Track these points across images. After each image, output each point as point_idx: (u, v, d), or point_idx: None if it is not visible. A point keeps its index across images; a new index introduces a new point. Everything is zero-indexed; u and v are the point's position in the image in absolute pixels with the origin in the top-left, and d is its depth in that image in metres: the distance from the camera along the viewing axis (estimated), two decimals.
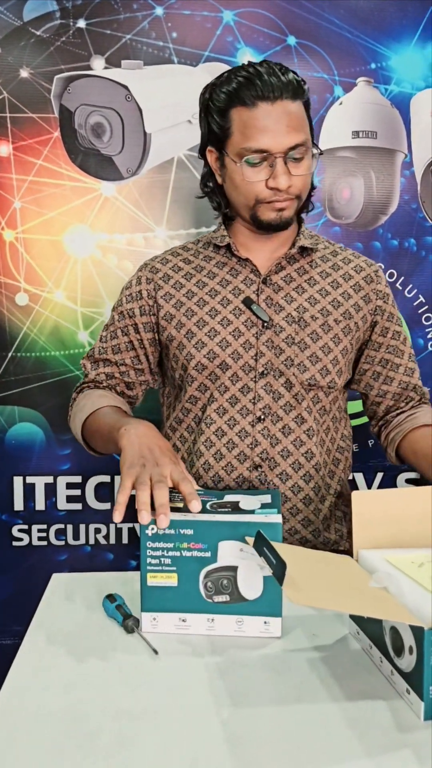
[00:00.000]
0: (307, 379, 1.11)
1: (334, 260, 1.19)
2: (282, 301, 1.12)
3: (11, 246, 1.68)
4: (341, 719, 0.68)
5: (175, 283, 1.16)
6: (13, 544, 1.75)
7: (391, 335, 1.20)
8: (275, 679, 0.75)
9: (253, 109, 1.03)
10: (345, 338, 1.14)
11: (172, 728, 0.67)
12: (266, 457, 1.10)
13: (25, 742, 0.65)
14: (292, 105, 1.04)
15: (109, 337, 1.21)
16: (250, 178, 1.05)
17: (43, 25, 1.64)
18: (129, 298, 1.19)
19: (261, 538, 0.77)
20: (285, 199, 1.06)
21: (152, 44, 1.66)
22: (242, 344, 1.10)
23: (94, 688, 0.74)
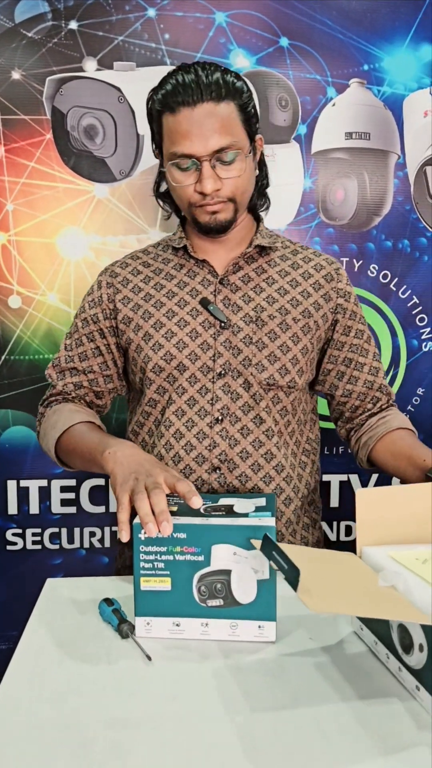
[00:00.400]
0: (266, 379, 1.09)
1: (293, 259, 1.17)
2: (240, 301, 1.11)
3: (4, 249, 1.67)
4: (345, 720, 0.68)
5: (133, 286, 1.15)
6: (7, 549, 1.74)
7: (354, 334, 1.19)
8: (272, 684, 0.75)
9: (176, 115, 1.02)
10: (305, 337, 1.12)
11: (167, 736, 0.66)
12: (225, 459, 1.08)
13: (19, 751, 0.65)
14: (216, 107, 1.02)
15: (74, 344, 1.18)
16: (178, 182, 1.05)
17: (35, 27, 1.63)
18: (91, 304, 1.18)
19: (268, 542, 0.76)
20: (216, 202, 1.05)
21: (145, 46, 1.66)
22: (200, 345, 1.09)
23: (89, 695, 0.73)
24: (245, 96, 1.07)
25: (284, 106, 1.70)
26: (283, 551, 0.72)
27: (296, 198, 1.73)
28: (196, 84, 1.01)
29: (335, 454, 1.82)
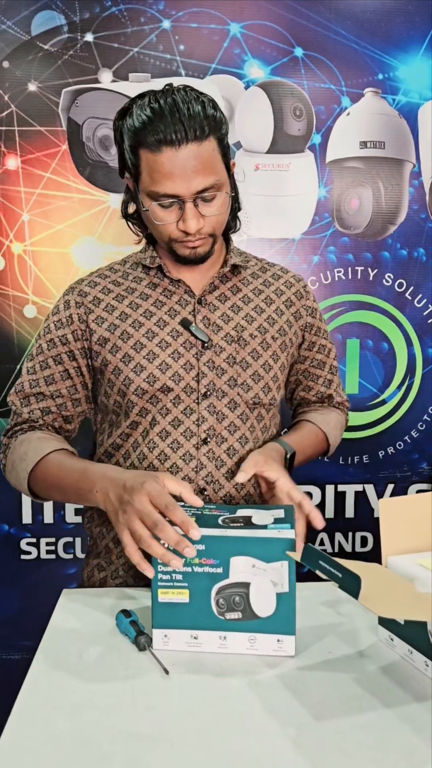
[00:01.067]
0: (252, 398, 1.09)
1: (264, 276, 1.17)
2: (219, 321, 1.09)
3: (19, 258, 1.68)
4: (368, 736, 0.67)
5: (106, 305, 1.10)
6: (21, 558, 1.74)
7: (316, 349, 1.22)
8: (292, 699, 0.74)
9: (158, 155, 0.96)
10: (282, 354, 1.13)
11: (185, 752, 0.65)
12: (211, 480, 1.06)
13: (35, 764, 0.64)
14: (199, 148, 0.96)
15: (39, 367, 1.10)
16: (160, 219, 1.01)
17: (51, 39, 1.65)
18: (59, 324, 1.10)
19: (312, 551, 0.75)
20: (197, 239, 1.03)
21: (160, 57, 1.67)
22: (182, 366, 1.06)
23: (106, 709, 0.72)
24: (224, 128, 1.02)
25: (299, 116, 1.70)
26: (333, 560, 0.71)
27: (311, 207, 1.73)
28: (179, 124, 0.95)
29: (350, 464, 1.81)
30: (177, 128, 0.95)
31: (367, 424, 1.80)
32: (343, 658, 0.82)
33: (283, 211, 1.73)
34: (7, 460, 1.09)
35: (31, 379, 1.11)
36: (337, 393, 1.27)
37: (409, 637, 0.79)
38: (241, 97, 1.69)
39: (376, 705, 0.73)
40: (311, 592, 0.99)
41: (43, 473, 1.02)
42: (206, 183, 0.98)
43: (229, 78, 1.69)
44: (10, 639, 1.73)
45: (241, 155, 1.71)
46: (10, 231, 1.68)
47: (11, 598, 1.74)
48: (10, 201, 1.67)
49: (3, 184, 1.67)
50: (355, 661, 0.81)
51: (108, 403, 1.11)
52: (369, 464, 1.81)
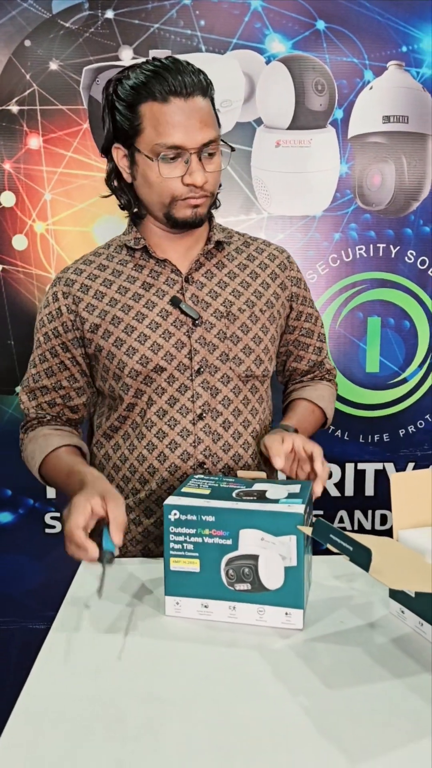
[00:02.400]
0: (244, 371, 1.11)
1: (247, 251, 1.17)
2: (207, 298, 1.11)
3: (42, 237, 1.70)
4: (377, 703, 0.68)
5: (95, 292, 1.11)
6: (45, 532, 1.78)
7: (304, 318, 1.22)
8: (303, 666, 0.76)
9: (165, 105, 1.00)
10: (271, 327, 1.15)
11: (198, 715, 0.68)
12: (209, 454, 1.09)
13: (54, 724, 0.67)
14: (203, 101, 1.02)
15: (38, 360, 1.14)
16: (165, 174, 1.02)
17: (72, 17, 1.65)
18: (50, 318, 1.12)
19: (323, 525, 0.76)
20: (200, 196, 1.04)
21: (180, 33, 1.66)
22: (174, 344, 1.08)
23: (122, 672, 0.75)
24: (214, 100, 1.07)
25: (320, 91, 1.68)
26: (344, 534, 0.72)
27: (332, 184, 1.72)
28: (189, 77, 1.00)
29: (370, 443, 1.81)
30: (186, 80, 0.99)
31: (387, 402, 1.79)
32: (354, 629, 0.83)
33: (304, 188, 1.72)
34: (23, 456, 1.17)
35: (34, 374, 1.15)
36: (327, 360, 1.29)
37: (420, 609, 0.81)
38: (262, 73, 1.68)
39: (386, 675, 0.74)
40: (324, 565, 1.00)
41: (47, 472, 1.11)
42: (210, 135, 1.02)
43: (250, 53, 1.67)
44: (35, 610, 1.78)
45: (261, 131, 1.70)
46: (33, 210, 1.70)
47: (36, 570, 1.79)
48: (32, 180, 1.69)
49: (26, 164, 1.68)
50: (366, 632, 0.83)
51: (104, 387, 1.13)
52: (389, 443, 1.81)
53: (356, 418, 1.79)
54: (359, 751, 0.62)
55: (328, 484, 1.81)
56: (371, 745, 0.63)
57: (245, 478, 0.98)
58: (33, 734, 0.65)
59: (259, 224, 1.72)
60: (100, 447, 1.16)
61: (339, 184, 1.72)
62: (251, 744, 0.63)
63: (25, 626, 1.78)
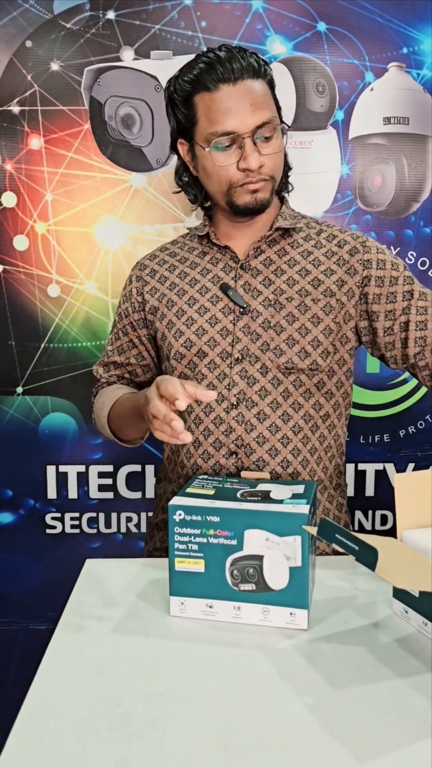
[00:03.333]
0: (284, 363, 1.08)
1: (317, 239, 1.15)
2: (260, 286, 1.10)
3: (43, 238, 1.70)
4: (382, 703, 0.68)
5: (160, 277, 1.18)
6: (46, 532, 1.78)
7: (401, 298, 1.08)
8: (307, 666, 0.76)
9: (215, 93, 1.02)
10: (326, 317, 1.08)
11: (203, 713, 0.68)
12: (242, 444, 1.08)
13: (59, 723, 0.67)
14: (254, 83, 1.03)
15: (113, 339, 1.26)
16: (220, 162, 1.03)
17: (73, 18, 1.65)
18: (124, 299, 1.23)
19: (329, 525, 0.77)
20: (258, 180, 1.05)
21: (181, 34, 1.66)
22: (219, 331, 1.10)
23: (126, 671, 0.75)
24: (272, 79, 1.09)
25: (321, 92, 1.69)
26: (350, 533, 0.73)
27: (333, 185, 1.72)
28: (236, 62, 1.02)
29: (371, 443, 1.81)
30: (233, 66, 1.01)
31: (388, 402, 1.80)
32: (358, 629, 0.84)
33: (305, 189, 1.72)
34: (94, 413, 1.23)
35: (109, 350, 1.26)
36: None
37: (424, 609, 0.81)
38: None
39: (390, 674, 0.74)
40: (327, 566, 1.00)
41: (116, 412, 1.14)
42: (263, 117, 1.02)
43: None
44: (37, 610, 1.78)
45: None
46: (34, 211, 1.70)
47: (37, 570, 1.79)
48: (33, 181, 1.69)
49: (26, 164, 1.68)
50: (370, 632, 0.83)
51: (164, 369, 1.20)
52: (390, 443, 1.81)
53: (356, 418, 1.79)
54: (364, 749, 0.62)
55: None
56: (376, 744, 0.63)
57: (249, 478, 0.98)
58: (41, 734, 0.65)
59: None
60: None
61: (340, 185, 1.72)
62: (256, 742, 0.64)
63: (26, 627, 1.78)
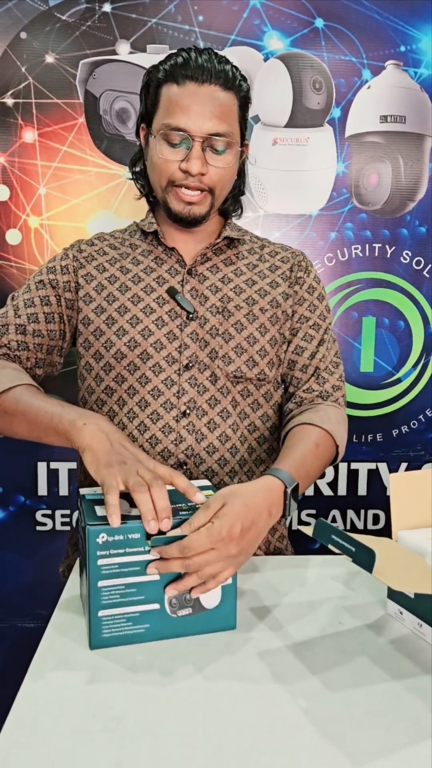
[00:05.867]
0: (233, 371, 1.05)
1: (260, 253, 1.14)
2: (207, 292, 1.07)
3: (36, 232, 1.68)
4: (376, 704, 0.68)
5: (98, 265, 1.10)
6: (37, 529, 1.77)
7: (297, 319, 1.12)
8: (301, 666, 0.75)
9: (181, 87, 1.00)
10: (272, 327, 1.08)
11: (196, 716, 0.67)
12: (191, 454, 1.03)
13: (50, 725, 0.66)
14: (221, 93, 1.00)
15: (23, 304, 1.07)
16: (165, 155, 1.01)
17: (69, 10, 1.63)
18: (52, 270, 1.10)
19: (324, 526, 0.75)
20: (196, 189, 1.02)
21: (178, 28, 1.64)
22: (165, 334, 1.05)
23: (120, 672, 0.74)
24: (247, 97, 1.06)
25: (318, 89, 1.68)
26: (346, 534, 0.72)
27: (328, 183, 1.71)
28: (209, 64, 1.00)
29: (364, 442, 1.81)
30: (205, 68, 1.00)
31: (381, 402, 1.79)
32: (353, 630, 0.83)
33: (301, 187, 1.71)
34: None
35: (16, 310, 1.07)
36: (327, 369, 1.11)
37: (419, 610, 0.80)
38: (260, 70, 1.67)
39: (385, 676, 0.74)
40: (321, 566, 1.00)
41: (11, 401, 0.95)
42: (219, 128, 1.00)
43: (248, 50, 1.66)
44: (25, 608, 1.76)
45: (259, 129, 1.69)
46: (27, 205, 1.68)
47: (26, 568, 1.77)
48: (27, 174, 1.67)
49: (20, 157, 1.66)
50: (365, 633, 0.82)
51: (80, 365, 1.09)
52: (382, 443, 1.81)
53: (350, 417, 1.78)
54: (359, 752, 0.62)
55: (320, 483, 1.81)
56: (371, 747, 0.63)
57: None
58: (31, 735, 0.64)
59: (255, 222, 1.72)
60: None
61: (335, 183, 1.71)
62: (250, 746, 0.63)
63: (14, 624, 1.76)
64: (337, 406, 1.11)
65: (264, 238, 1.19)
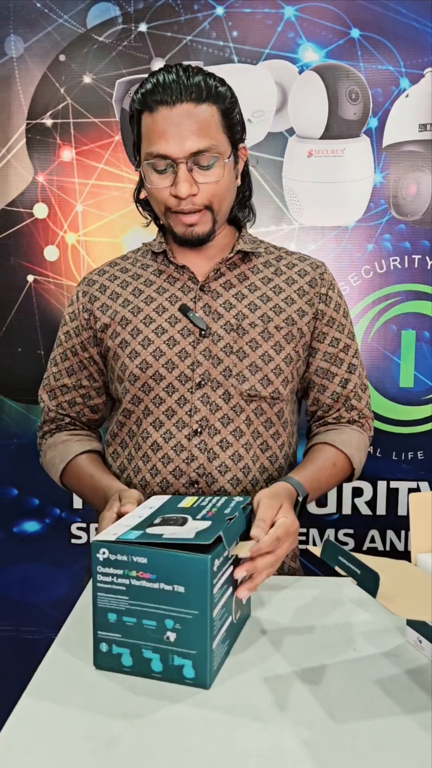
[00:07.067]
0: (247, 390, 1.03)
1: (277, 265, 1.11)
2: (220, 309, 1.05)
3: (73, 249, 1.71)
4: (383, 738, 0.64)
5: (111, 293, 1.10)
6: (72, 542, 1.78)
7: (328, 342, 1.10)
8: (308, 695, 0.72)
9: (154, 114, 0.97)
10: (288, 345, 1.06)
11: (192, 740, 0.65)
12: (203, 473, 1.02)
13: (43, 743, 0.65)
14: (195, 109, 0.97)
15: (59, 359, 1.14)
16: (155, 184, 1.00)
17: (106, 31, 1.66)
18: (71, 317, 1.13)
19: (332, 546, 0.72)
20: (191, 211, 1.00)
21: (212, 44, 1.65)
22: (177, 353, 1.03)
23: (118, 692, 0.73)
24: (228, 101, 1.01)
25: (354, 99, 1.65)
26: (353, 556, 0.69)
27: (366, 194, 1.68)
28: (176, 84, 0.96)
29: (404, 460, 1.75)
30: (173, 88, 0.96)
31: (422, 419, 1.73)
32: (367, 658, 0.79)
33: (337, 199, 1.68)
34: (43, 464, 1.17)
35: (54, 372, 1.15)
36: (356, 396, 1.12)
37: None
38: (295, 82, 1.66)
39: (396, 709, 0.69)
40: (338, 588, 0.96)
41: (68, 481, 1.11)
42: (200, 145, 0.97)
43: (282, 63, 1.65)
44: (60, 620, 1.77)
45: (293, 141, 1.68)
46: (65, 221, 1.71)
47: (62, 580, 1.79)
48: (64, 192, 1.70)
49: (58, 176, 1.70)
50: (379, 661, 0.78)
51: (111, 390, 1.13)
52: (424, 460, 1.74)
53: (389, 434, 1.73)
54: None
55: (358, 502, 1.75)
56: None
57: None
58: (22, 754, 0.63)
59: (290, 235, 1.70)
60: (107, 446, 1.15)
61: (373, 194, 1.68)
62: None
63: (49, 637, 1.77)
64: (361, 431, 1.14)
65: (282, 248, 1.16)
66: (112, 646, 0.74)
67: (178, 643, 0.72)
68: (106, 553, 0.73)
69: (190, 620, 0.71)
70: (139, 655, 0.73)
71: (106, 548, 0.73)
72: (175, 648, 0.72)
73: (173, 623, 0.71)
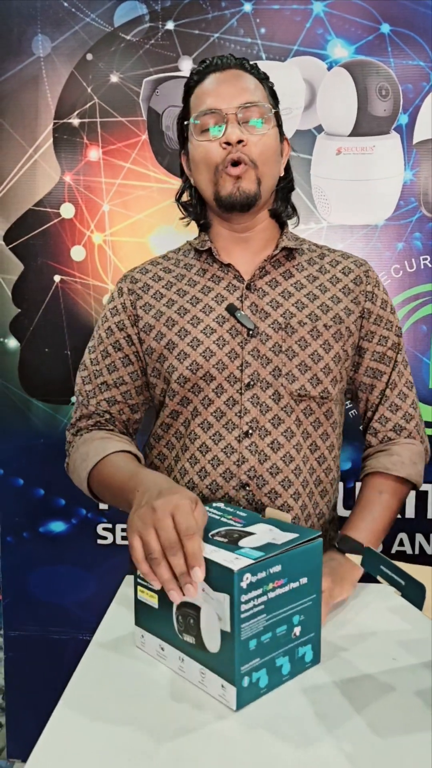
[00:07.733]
0: (297, 390, 1.02)
1: (321, 263, 1.10)
2: (267, 307, 1.04)
3: (99, 248, 1.71)
4: (425, 752, 0.62)
5: (155, 293, 1.08)
6: (98, 542, 1.78)
7: (377, 340, 1.10)
8: (348, 708, 0.70)
9: (204, 81, 1.05)
10: (336, 344, 1.05)
11: (228, 751, 0.64)
12: (254, 475, 1.00)
13: (78, 752, 0.64)
14: (242, 73, 1.04)
15: (100, 357, 1.10)
16: (203, 141, 1.02)
17: (133, 29, 1.65)
18: (114, 312, 1.10)
19: (373, 555, 0.71)
20: (239, 161, 1.00)
21: (240, 41, 1.64)
22: (227, 354, 1.02)
23: (156, 700, 0.72)
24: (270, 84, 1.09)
25: (384, 96, 1.62)
26: (396, 566, 0.67)
27: (396, 191, 1.65)
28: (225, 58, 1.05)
29: None
30: (222, 60, 1.05)
31: None
32: (407, 668, 0.77)
33: (366, 196, 1.66)
34: (70, 459, 1.08)
35: (95, 369, 1.10)
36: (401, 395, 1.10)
37: None
38: (324, 79, 1.63)
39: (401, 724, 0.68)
40: (377, 595, 0.94)
41: (100, 473, 1.00)
42: (249, 97, 1.02)
43: (311, 59, 1.63)
44: (86, 621, 1.77)
45: (322, 139, 1.65)
46: (92, 221, 1.71)
47: (88, 581, 1.79)
48: (91, 192, 1.70)
49: (85, 176, 1.70)
50: (420, 672, 0.77)
51: (153, 392, 1.10)
52: None
53: None
54: None
55: None
56: None
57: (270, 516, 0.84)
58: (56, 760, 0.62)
59: (318, 234, 1.67)
60: (147, 454, 1.13)
61: (403, 192, 1.65)
62: None
63: (75, 637, 1.77)
64: (411, 442, 1.11)
65: (324, 245, 1.15)
66: (252, 674, 0.70)
67: (302, 634, 0.75)
68: (249, 577, 0.68)
69: (310, 606, 0.75)
70: (272, 667, 0.72)
71: (249, 572, 0.68)
72: (299, 640, 0.75)
73: (299, 617, 0.74)
